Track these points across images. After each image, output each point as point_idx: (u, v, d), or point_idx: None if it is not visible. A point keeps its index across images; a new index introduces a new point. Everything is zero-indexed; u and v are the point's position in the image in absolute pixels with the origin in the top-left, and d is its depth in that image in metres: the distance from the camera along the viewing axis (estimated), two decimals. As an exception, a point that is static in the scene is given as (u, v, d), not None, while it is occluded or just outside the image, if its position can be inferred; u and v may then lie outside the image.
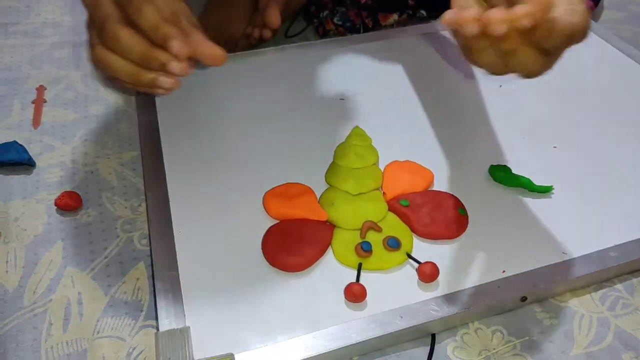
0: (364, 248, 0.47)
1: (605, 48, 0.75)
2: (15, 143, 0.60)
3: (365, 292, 0.45)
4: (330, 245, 0.49)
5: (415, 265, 0.47)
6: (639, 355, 0.44)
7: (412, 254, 0.48)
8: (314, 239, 0.49)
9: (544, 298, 0.47)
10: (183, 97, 0.65)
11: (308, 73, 0.70)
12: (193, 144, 0.59)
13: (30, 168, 0.59)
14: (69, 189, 0.57)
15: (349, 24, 0.79)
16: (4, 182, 0.58)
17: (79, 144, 0.62)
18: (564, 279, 0.47)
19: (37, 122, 0.66)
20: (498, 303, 0.45)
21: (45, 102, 0.69)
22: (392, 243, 0.48)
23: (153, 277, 0.48)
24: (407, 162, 0.57)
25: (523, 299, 0.46)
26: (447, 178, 0.56)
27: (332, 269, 0.48)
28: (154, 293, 0.46)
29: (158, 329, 0.44)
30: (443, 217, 0.51)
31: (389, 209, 0.52)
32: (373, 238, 0.49)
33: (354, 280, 0.46)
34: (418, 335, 0.45)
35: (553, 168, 0.49)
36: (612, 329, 0.46)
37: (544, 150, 0.59)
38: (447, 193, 0.54)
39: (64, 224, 0.54)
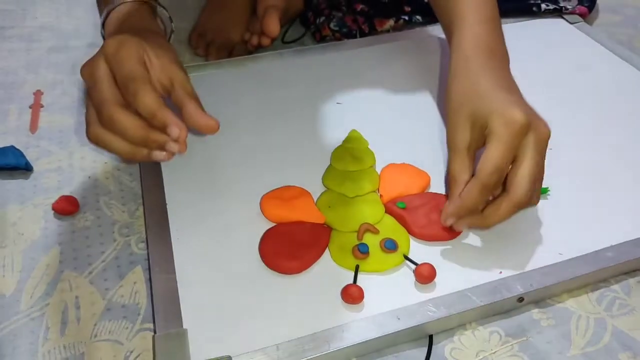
0: (361, 250, 0.48)
1: (601, 51, 0.76)
2: (13, 148, 0.60)
3: (363, 293, 0.45)
4: (328, 248, 0.49)
5: (413, 267, 0.47)
6: (636, 356, 0.44)
7: (409, 256, 0.48)
8: (312, 242, 0.49)
9: (541, 299, 0.47)
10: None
11: (305, 77, 0.70)
12: (190, 148, 0.59)
13: (28, 173, 0.60)
14: (66, 194, 0.57)
15: (346, 30, 0.80)
16: (1, 186, 0.58)
17: (76, 149, 0.62)
18: (561, 280, 0.47)
19: (34, 127, 0.66)
20: (495, 304, 0.45)
21: (42, 106, 0.69)
22: (389, 245, 0.48)
23: (150, 280, 0.48)
24: (403, 164, 0.57)
25: (520, 300, 0.46)
26: (443, 180, 0.56)
27: (329, 271, 0.48)
28: (152, 296, 0.47)
29: (155, 332, 0.44)
30: (440, 218, 0.51)
31: (386, 211, 0.52)
32: (370, 240, 0.49)
33: (352, 282, 0.46)
34: (415, 337, 0.45)
35: (549, 169, 0.49)
36: (609, 329, 0.46)
37: (540, 152, 0.59)
38: (443, 195, 0.54)
39: (62, 228, 0.54)
